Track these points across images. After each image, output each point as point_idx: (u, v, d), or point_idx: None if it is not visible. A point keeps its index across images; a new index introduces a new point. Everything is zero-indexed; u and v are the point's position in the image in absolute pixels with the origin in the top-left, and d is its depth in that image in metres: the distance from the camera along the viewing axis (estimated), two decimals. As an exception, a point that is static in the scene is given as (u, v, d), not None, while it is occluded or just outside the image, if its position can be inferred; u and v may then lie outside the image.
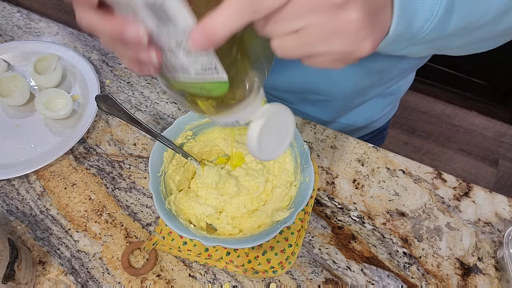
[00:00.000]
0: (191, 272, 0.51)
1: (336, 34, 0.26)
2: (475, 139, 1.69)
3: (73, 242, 0.53)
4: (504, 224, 0.54)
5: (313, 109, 0.67)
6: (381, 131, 0.80)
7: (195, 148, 0.54)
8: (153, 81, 0.68)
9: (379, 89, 0.64)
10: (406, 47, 0.35)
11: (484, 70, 1.58)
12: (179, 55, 0.27)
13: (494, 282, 0.50)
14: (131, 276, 0.50)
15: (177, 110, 0.65)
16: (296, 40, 0.26)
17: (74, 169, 0.59)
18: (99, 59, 0.71)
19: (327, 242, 0.53)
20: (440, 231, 0.54)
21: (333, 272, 0.51)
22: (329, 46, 0.27)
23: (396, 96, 0.71)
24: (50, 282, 0.50)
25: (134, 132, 0.62)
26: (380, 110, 0.71)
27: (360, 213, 0.55)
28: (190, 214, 0.50)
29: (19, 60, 0.69)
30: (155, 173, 0.48)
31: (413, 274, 0.51)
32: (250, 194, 0.53)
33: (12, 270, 0.43)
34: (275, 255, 0.51)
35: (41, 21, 0.76)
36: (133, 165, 0.59)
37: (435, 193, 0.57)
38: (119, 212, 0.55)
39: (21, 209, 0.55)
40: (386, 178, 0.58)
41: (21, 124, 0.63)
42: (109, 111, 0.49)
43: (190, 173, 0.55)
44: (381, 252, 0.52)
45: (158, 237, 0.52)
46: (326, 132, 0.62)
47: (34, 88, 0.67)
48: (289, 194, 0.50)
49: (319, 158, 0.59)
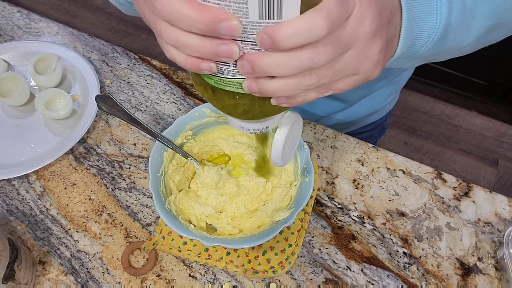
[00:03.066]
0: (191, 272, 0.51)
1: (365, 63, 0.29)
2: (475, 139, 1.69)
3: (73, 242, 0.53)
4: (504, 224, 0.54)
5: (317, 103, 0.68)
6: (382, 122, 0.82)
7: (195, 148, 0.54)
8: (153, 81, 0.68)
9: (382, 82, 0.67)
10: (403, 63, 0.39)
11: (484, 70, 1.59)
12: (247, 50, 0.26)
13: (494, 282, 0.50)
14: (131, 276, 0.50)
15: (177, 110, 0.65)
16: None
17: (74, 169, 0.59)
18: (99, 59, 0.71)
19: (327, 242, 0.53)
20: (440, 231, 0.54)
21: (333, 272, 0.51)
22: (357, 72, 0.29)
23: (398, 85, 0.74)
24: (50, 282, 0.50)
25: (134, 132, 0.62)
26: (382, 99, 0.73)
27: (360, 213, 0.55)
28: (190, 214, 0.50)
29: (19, 60, 0.69)
30: (155, 173, 0.48)
31: (413, 274, 0.51)
32: (250, 194, 0.53)
33: (12, 270, 0.43)
34: (275, 255, 0.51)
35: (41, 21, 0.76)
36: (133, 165, 0.59)
37: (435, 193, 0.57)
38: (119, 212, 0.55)
39: (21, 209, 0.55)
40: (386, 178, 0.58)
41: (21, 124, 0.63)
42: (109, 111, 0.49)
43: (190, 173, 0.55)
44: (381, 252, 0.52)
45: (158, 237, 0.52)
46: (326, 132, 0.62)
47: (34, 88, 0.67)
48: (289, 194, 0.50)
49: (319, 158, 0.59)
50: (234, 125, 0.36)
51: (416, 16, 0.34)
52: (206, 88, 0.31)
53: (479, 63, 1.55)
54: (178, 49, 0.27)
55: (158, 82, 0.68)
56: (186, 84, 0.68)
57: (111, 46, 0.73)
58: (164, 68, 0.70)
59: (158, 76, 0.69)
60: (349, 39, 0.27)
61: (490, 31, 0.41)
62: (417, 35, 0.35)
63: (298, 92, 0.28)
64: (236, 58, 0.26)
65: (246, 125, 0.35)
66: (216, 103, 0.32)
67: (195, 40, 0.26)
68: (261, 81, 0.27)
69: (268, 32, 0.24)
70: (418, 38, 0.35)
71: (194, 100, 0.66)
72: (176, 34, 0.26)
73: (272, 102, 0.30)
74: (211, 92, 0.31)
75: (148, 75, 0.69)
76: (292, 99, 0.29)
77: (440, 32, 0.36)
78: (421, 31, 0.35)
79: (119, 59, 0.71)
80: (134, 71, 0.69)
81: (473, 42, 0.41)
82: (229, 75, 0.28)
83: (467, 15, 0.37)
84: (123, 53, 0.72)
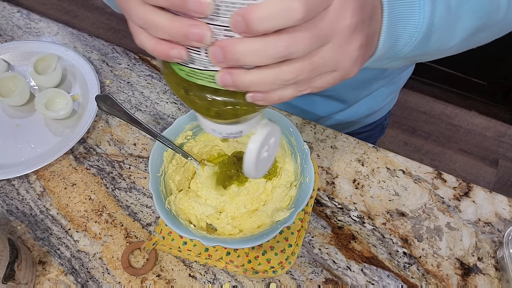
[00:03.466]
0: (191, 272, 0.51)
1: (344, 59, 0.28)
2: (475, 139, 1.69)
3: (73, 242, 0.53)
4: (504, 224, 0.54)
5: (316, 103, 0.68)
6: (381, 121, 0.82)
7: (195, 148, 0.54)
8: (153, 81, 0.68)
9: (382, 82, 0.66)
10: (387, 63, 0.38)
11: (484, 70, 1.59)
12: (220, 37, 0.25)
13: (494, 282, 0.50)
14: (131, 276, 0.50)
15: (177, 110, 0.65)
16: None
17: (74, 169, 0.59)
18: (99, 59, 0.71)
19: (327, 242, 0.53)
20: (440, 231, 0.54)
21: (333, 272, 0.51)
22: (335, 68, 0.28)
23: (397, 85, 0.74)
24: (50, 282, 0.50)
25: (134, 132, 0.62)
26: (382, 99, 0.73)
27: (360, 213, 0.55)
28: (190, 214, 0.50)
29: (19, 60, 0.69)
30: (155, 173, 0.48)
31: (413, 274, 0.51)
32: (250, 194, 0.53)
33: (12, 270, 0.43)
34: (275, 255, 0.51)
35: (41, 21, 0.76)
36: (133, 165, 0.59)
37: (435, 193, 0.57)
38: (119, 212, 0.55)
39: (21, 209, 0.55)
40: (386, 178, 0.58)
41: (21, 124, 0.63)
42: (109, 111, 0.49)
43: (190, 173, 0.55)
44: (381, 252, 0.52)
45: (158, 237, 0.52)
46: (326, 132, 0.62)
47: (34, 88, 0.67)
48: (289, 194, 0.50)
49: (319, 158, 0.59)
50: (206, 128, 0.34)
51: (397, 15, 0.33)
52: (178, 84, 0.29)
53: (479, 63, 1.55)
54: (148, 32, 0.26)
55: (158, 82, 0.68)
56: (186, 84, 0.68)
57: (111, 46, 0.73)
58: (164, 68, 0.70)
59: (158, 76, 0.69)
60: (328, 30, 0.26)
61: (477, 32, 0.40)
62: (399, 34, 0.34)
63: (275, 87, 0.27)
64: (207, 43, 0.24)
65: (218, 128, 0.33)
66: (188, 101, 0.30)
67: (164, 19, 0.25)
68: (235, 72, 0.26)
69: (242, 13, 0.23)
70: (400, 37, 0.34)
71: (194, 100, 0.66)
72: (145, 13, 0.25)
73: (248, 98, 0.28)
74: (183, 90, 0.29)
75: (148, 75, 0.69)
76: (269, 95, 0.27)
77: (423, 32, 0.35)
78: (403, 30, 0.34)
79: (119, 59, 0.71)
80: (134, 71, 0.69)
81: (459, 43, 0.40)
82: (201, 66, 0.26)
83: (452, 16, 0.36)
84: (123, 53, 0.72)
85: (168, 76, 0.30)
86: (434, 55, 0.41)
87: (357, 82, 0.62)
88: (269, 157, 0.37)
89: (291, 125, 0.51)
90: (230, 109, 0.29)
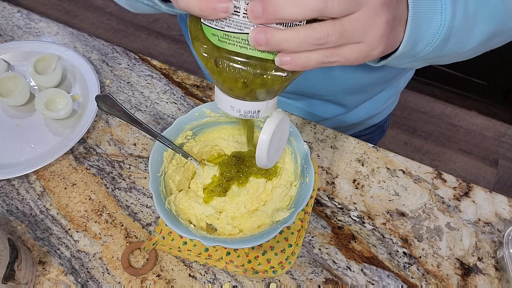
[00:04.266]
0: (191, 272, 0.51)
1: (371, 30, 0.29)
2: (475, 139, 1.69)
3: (73, 242, 0.53)
4: (504, 224, 0.54)
5: (316, 107, 0.68)
6: (382, 124, 0.82)
7: (195, 148, 0.54)
8: (153, 81, 0.68)
9: (381, 86, 0.66)
10: (407, 62, 0.40)
11: (484, 70, 1.58)
12: None
13: (494, 282, 0.50)
14: (131, 276, 0.50)
15: (177, 110, 0.65)
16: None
17: (74, 169, 0.59)
18: (99, 59, 0.71)
19: (327, 242, 0.53)
20: (440, 231, 0.54)
21: (333, 272, 0.51)
22: (362, 39, 0.30)
23: (397, 89, 0.74)
24: (50, 282, 0.50)
25: (134, 132, 0.62)
26: (382, 103, 0.74)
27: (360, 213, 0.55)
28: (190, 214, 0.50)
29: (19, 60, 0.69)
30: (155, 173, 0.48)
31: (413, 274, 0.51)
32: (250, 194, 0.53)
33: (12, 270, 0.43)
34: (275, 255, 0.51)
35: (41, 21, 0.76)
36: (133, 165, 0.59)
37: (435, 193, 0.57)
38: (119, 212, 0.55)
39: (21, 209, 0.55)
40: (386, 178, 0.58)
41: (21, 124, 0.63)
42: (109, 111, 0.49)
43: (190, 173, 0.55)
44: (381, 252, 0.52)
45: (158, 237, 0.52)
46: (326, 132, 0.62)
47: (34, 88, 0.67)
48: (289, 194, 0.50)
49: (319, 158, 0.59)
50: (224, 106, 0.34)
51: (421, 16, 0.34)
52: (208, 54, 0.30)
53: (479, 63, 1.55)
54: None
55: (158, 82, 0.68)
56: (186, 84, 0.68)
57: (111, 46, 0.73)
58: (164, 68, 0.70)
59: (158, 76, 0.69)
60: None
61: (492, 37, 0.41)
62: (421, 35, 0.36)
63: (304, 47, 0.28)
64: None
65: (238, 105, 0.33)
66: (216, 74, 0.31)
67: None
68: (269, 29, 0.27)
69: None
70: (422, 37, 0.36)
71: (194, 100, 0.66)
72: None
73: (276, 61, 0.29)
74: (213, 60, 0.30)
75: (148, 75, 0.69)
76: (296, 57, 0.29)
77: (443, 34, 0.36)
78: (425, 30, 0.36)
79: (119, 59, 0.71)
80: (134, 71, 0.69)
81: (475, 47, 0.41)
82: (236, 28, 0.28)
83: (470, 20, 0.38)
84: (123, 53, 0.72)
85: (199, 46, 0.31)
86: (450, 57, 0.43)
87: (356, 87, 0.62)
88: (279, 148, 0.39)
89: (291, 125, 0.51)
90: (257, 79, 0.30)
